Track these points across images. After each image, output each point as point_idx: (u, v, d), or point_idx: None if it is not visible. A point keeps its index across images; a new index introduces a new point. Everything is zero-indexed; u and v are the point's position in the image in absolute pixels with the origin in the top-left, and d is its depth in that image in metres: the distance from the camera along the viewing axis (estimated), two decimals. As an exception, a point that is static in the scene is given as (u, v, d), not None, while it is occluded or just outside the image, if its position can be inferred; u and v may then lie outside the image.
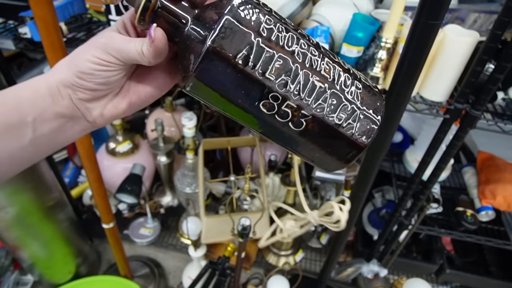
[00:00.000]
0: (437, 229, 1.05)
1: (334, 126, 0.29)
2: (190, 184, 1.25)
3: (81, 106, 0.31)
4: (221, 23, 0.25)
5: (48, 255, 1.23)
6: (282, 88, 0.27)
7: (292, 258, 1.41)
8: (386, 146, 0.65)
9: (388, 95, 0.57)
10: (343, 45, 0.80)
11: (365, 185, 0.74)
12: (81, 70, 0.29)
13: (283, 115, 0.28)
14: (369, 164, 0.69)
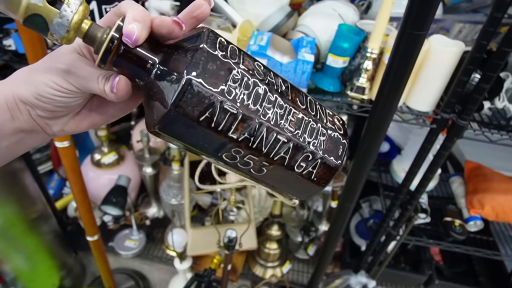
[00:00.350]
0: (426, 239, 1.04)
1: (295, 173, 0.30)
2: (176, 195, 1.22)
3: (41, 122, 0.30)
4: (181, 85, 0.24)
5: (31, 268, 1.20)
6: (245, 144, 0.27)
7: (279, 270, 1.39)
8: (373, 156, 0.64)
9: (375, 106, 0.57)
10: (329, 56, 0.80)
11: (353, 196, 0.73)
12: (39, 93, 0.27)
13: (245, 164, 0.29)
14: (356, 174, 0.68)
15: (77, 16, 0.25)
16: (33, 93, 0.27)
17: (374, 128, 0.59)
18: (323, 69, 0.84)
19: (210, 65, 0.25)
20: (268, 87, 0.27)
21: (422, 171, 0.90)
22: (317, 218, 1.45)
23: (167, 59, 0.27)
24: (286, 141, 0.28)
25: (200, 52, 0.25)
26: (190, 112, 0.24)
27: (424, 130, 1.16)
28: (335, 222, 0.83)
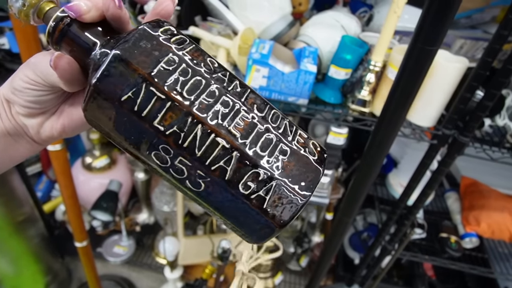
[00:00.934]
0: (421, 255, 1.03)
1: (240, 195, 0.23)
2: (168, 202, 1.20)
3: (19, 121, 0.30)
4: (108, 60, 0.22)
5: (16, 272, 1.16)
6: (173, 140, 0.23)
7: (271, 281, 1.36)
8: (376, 172, 0.63)
9: (380, 121, 0.55)
10: (331, 67, 0.79)
11: (352, 211, 0.71)
12: (14, 86, 0.28)
13: (178, 171, 0.24)
14: (357, 189, 0.67)
15: None
16: (11, 88, 0.29)
17: (378, 144, 0.58)
18: (324, 80, 0.83)
19: (143, 43, 0.23)
20: (215, 81, 0.24)
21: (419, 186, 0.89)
22: (310, 229, 1.43)
23: (109, 42, 0.26)
24: (228, 147, 0.22)
25: (137, 31, 0.23)
26: (112, 90, 0.22)
27: (421, 144, 1.16)
28: (332, 236, 0.81)
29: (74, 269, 1.46)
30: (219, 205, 0.24)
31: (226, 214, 0.25)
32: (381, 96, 0.79)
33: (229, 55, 0.85)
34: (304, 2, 0.94)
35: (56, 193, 1.48)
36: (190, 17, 0.95)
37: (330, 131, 0.80)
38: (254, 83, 0.77)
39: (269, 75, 0.75)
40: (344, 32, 0.84)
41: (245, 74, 0.77)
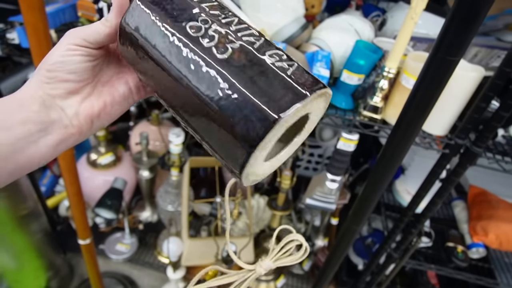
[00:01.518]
0: (427, 264, 1.02)
1: (266, 62, 0.24)
2: (173, 202, 1.19)
3: (54, 106, 0.29)
4: None
5: (18, 267, 1.16)
6: (212, 14, 0.27)
7: (273, 284, 1.35)
8: (387, 181, 0.62)
9: (394, 130, 0.54)
10: (344, 72, 0.78)
11: (361, 218, 0.70)
12: (50, 62, 0.28)
13: (210, 38, 0.25)
14: (368, 197, 0.66)
15: None
16: (45, 67, 0.28)
17: (391, 154, 0.56)
18: (336, 85, 0.82)
19: None
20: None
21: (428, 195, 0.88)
22: (314, 232, 1.42)
23: None
24: (255, 33, 0.26)
25: None
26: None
27: (430, 152, 1.14)
28: (339, 243, 0.80)
29: (76, 265, 1.45)
30: (242, 76, 0.24)
31: (245, 85, 0.24)
32: (394, 103, 0.78)
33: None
34: (317, 4, 0.93)
35: (60, 188, 1.48)
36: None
37: (341, 137, 0.79)
38: (265, 86, 0.76)
39: (281, 79, 0.74)
40: (357, 37, 0.83)
41: (257, 77, 0.76)
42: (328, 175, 0.88)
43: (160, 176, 1.35)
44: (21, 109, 0.28)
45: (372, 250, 1.36)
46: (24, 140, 0.27)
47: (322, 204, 0.92)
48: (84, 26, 0.30)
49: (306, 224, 1.44)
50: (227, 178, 1.38)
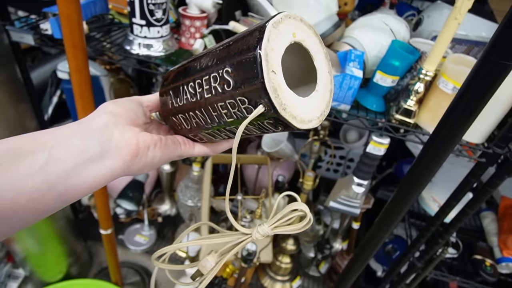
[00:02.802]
0: (452, 276, 0.98)
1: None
2: (193, 197, 1.19)
3: (116, 128, 0.30)
4: None
5: (41, 252, 1.19)
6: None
7: (289, 285, 1.34)
8: (420, 191, 0.59)
9: (432, 138, 0.52)
10: (377, 73, 0.75)
11: (389, 226, 0.68)
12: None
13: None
14: (397, 205, 0.63)
15: None
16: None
17: (427, 163, 0.54)
18: (368, 86, 0.79)
19: None
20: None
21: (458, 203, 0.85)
22: (332, 235, 1.39)
23: None
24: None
25: None
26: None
27: (460, 159, 1.10)
28: (363, 249, 0.78)
29: (95, 254, 1.48)
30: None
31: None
32: (428, 107, 0.74)
33: (269, 53, 0.82)
34: (350, 2, 0.90)
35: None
36: (230, 12, 0.93)
37: (371, 141, 0.77)
38: (295, 84, 0.74)
39: (312, 77, 0.72)
40: (392, 37, 0.80)
41: (286, 75, 0.74)
42: (354, 178, 0.85)
43: (180, 170, 1.36)
44: (84, 128, 0.28)
45: (392, 257, 1.33)
46: (78, 165, 0.27)
47: (346, 208, 0.90)
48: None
49: (325, 226, 1.42)
50: (247, 176, 1.37)
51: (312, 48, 0.30)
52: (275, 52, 0.26)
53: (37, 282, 1.30)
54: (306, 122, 0.28)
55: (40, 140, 0.26)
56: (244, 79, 0.26)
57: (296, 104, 0.27)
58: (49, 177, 0.25)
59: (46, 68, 1.36)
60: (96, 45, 0.85)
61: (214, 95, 0.29)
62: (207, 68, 0.30)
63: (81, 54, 0.68)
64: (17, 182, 0.24)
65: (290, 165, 1.34)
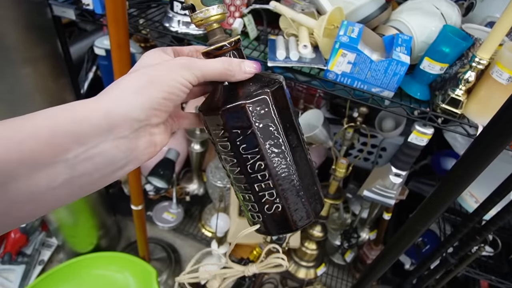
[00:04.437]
0: (487, 275, 0.94)
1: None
2: (223, 178, 1.19)
3: (144, 132, 0.28)
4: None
5: (73, 223, 1.23)
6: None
7: (313, 271, 1.33)
8: (465, 186, 0.56)
9: (486, 131, 0.48)
10: (425, 59, 0.71)
11: (428, 221, 0.65)
12: (171, 91, 0.28)
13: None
14: (441, 199, 0.60)
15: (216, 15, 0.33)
16: (165, 92, 0.27)
17: (476, 158, 0.51)
18: (413, 73, 0.75)
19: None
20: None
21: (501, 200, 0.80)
22: (360, 225, 1.37)
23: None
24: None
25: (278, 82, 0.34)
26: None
27: (503, 154, 1.05)
28: (398, 241, 0.75)
29: (124, 228, 1.52)
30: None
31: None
32: (478, 97, 0.70)
33: (311, 36, 0.79)
34: (398, -17, 0.85)
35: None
36: (271, -10, 0.90)
37: (414, 130, 0.73)
38: (336, 68, 0.71)
39: (355, 62, 0.69)
40: (443, 22, 0.75)
41: (328, 59, 0.71)
42: (392, 168, 0.82)
43: (210, 150, 1.36)
44: (111, 133, 0.25)
45: (422, 251, 1.30)
46: (106, 173, 0.26)
47: (381, 198, 0.87)
48: (193, 59, 0.30)
49: (353, 215, 1.40)
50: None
51: None
52: None
53: (68, 252, 1.35)
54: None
55: (60, 145, 0.23)
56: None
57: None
58: (72, 190, 0.24)
59: (82, 45, 1.38)
60: (135, 22, 0.85)
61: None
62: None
63: (123, 30, 0.68)
64: (37, 195, 0.22)
65: (321, 151, 1.32)
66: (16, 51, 0.79)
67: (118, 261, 1.19)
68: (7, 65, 0.80)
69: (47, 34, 0.86)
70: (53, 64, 0.90)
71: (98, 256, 1.23)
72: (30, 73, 0.84)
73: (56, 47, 0.90)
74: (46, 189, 0.23)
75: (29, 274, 1.29)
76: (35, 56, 0.84)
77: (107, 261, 1.20)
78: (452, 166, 0.58)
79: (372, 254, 1.26)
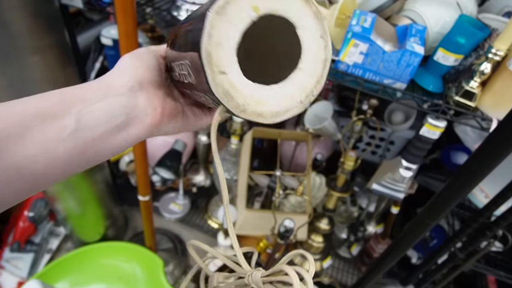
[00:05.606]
0: (495, 270, 0.93)
1: None
2: (229, 170, 1.19)
3: (142, 91, 0.30)
4: None
5: (81, 212, 1.24)
6: None
7: (319, 264, 1.33)
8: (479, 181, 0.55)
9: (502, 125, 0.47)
10: (439, 50, 0.69)
11: (439, 214, 0.64)
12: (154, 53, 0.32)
13: None
14: (452, 194, 0.59)
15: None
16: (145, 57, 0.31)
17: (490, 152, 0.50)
18: (426, 65, 0.74)
19: None
20: None
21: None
22: (367, 218, 1.37)
23: None
24: None
25: None
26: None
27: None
28: (407, 235, 0.75)
29: (131, 218, 1.53)
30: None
31: None
32: (493, 90, 0.68)
33: (321, 25, 0.77)
34: (412, -28, 0.83)
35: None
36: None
37: (426, 123, 0.72)
38: (348, 59, 0.70)
39: (368, 52, 0.68)
40: (459, 12, 0.73)
41: (340, 49, 0.70)
42: (403, 161, 0.81)
43: (217, 142, 1.35)
44: (110, 91, 0.28)
45: (429, 245, 1.29)
46: (106, 131, 0.27)
47: (390, 191, 0.86)
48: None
49: (359, 209, 1.39)
50: (283, 152, 1.35)
51: (293, 12, 0.24)
52: (224, 46, 0.22)
53: (76, 241, 1.36)
54: (280, 114, 0.25)
55: (67, 102, 0.26)
56: (199, 80, 0.24)
57: (263, 98, 0.24)
58: (78, 143, 0.26)
59: (89, 34, 1.37)
60: (142, 10, 0.83)
61: (189, 84, 0.27)
62: (179, 51, 0.27)
63: (131, 19, 0.67)
64: (49, 147, 0.25)
65: (329, 144, 1.31)
66: (24, 39, 0.79)
67: (125, 251, 1.20)
68: (15, 52, 0.79)
69: (54, 24, 0.85)
70: (60, 54, 0.89)
71: (106, 246, 1.24)
72: (38, 62, 0.84)
73: (64, 36, 0.89)
74: (56, 140, 0.25)
75: (37, 262, 1.30)
76: (42, 45, 0.83)
77: (114, 251, 1.20)
78: (466, 160, 0.57)
79: (379, 248, 1.26)
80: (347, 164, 0.99)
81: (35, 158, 0.24)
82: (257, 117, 0.24)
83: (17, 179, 0.24)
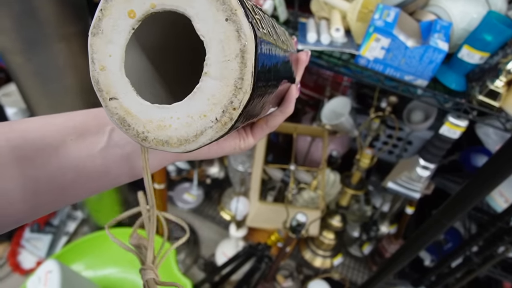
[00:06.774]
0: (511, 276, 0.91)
1: None
2: (244, 162, 1.19)
3: None
4: None
5: (98, 198, 1.27)
6: None
7: (330, 261, 1.33)
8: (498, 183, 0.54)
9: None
10: (464, 48, 0.68)
11: (455, 215, 0.63)
12: None
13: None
14: (472, 193, 0.58)
15: None
16: None
17: None
18: (450, 62, 0.72)
19: None
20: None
21: None
22: (380, 218, 1.35)
23: None
24: None
25: None
26: None
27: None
28: (420, 236, 0.74)
29: (145, 206, 1.55)
30: None
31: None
32: (520, 91, 0.66)
33: (343, 19, 0.77)
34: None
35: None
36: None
37: (447, 122, 0.70)
38: (369, 54, 0.69)
39: (389, 47, 0.66)
40: (487, 8, 0.71)
41: (361, 43, 0.69)
42: (420, 160, 0.80)
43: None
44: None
45: (443, 248, 1.27)
46: (137, 148, 0.27)
47: (406, 190, 0.85)
48: None
49: (373, 208, 1.38)
50: (298, 147, 1.34)
51: (178, 2, 0.17)
52: (109, 68, 0.19)
53: (92, 225, 1.40)
54: (190, 140, 0.19)
55: (103, 120, 0.27)
56: None
57: (165, 122, 0.19)
58: (106, 160, 0.26)
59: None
60: None
61: None
62: None
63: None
64: (79, 162, 0.25)
65: (345, 141, 1.30)
66: (51, 27, 0.80)
67: (139, 238, 1.22)
68: (43, 39, 0.81)
69: (79, 12, 0.87)
70: (84, 43, 0.91)
71: (120, 231, 1.27)
72: (63, 49, 0.85)
73: (88, 25, 0.91)
74: (86, 156, 0.25)
75: (55, 243, 1.34)
76: (68, 32, 0.85)
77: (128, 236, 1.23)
78: (485, 162, 0.56)
79: (391, 248, 1.24)
80: (362, 162, 0.98)
81: (65, 171, 0.24)
82: (162, 145, 0.19)
83: (46, 192, 0.24)
